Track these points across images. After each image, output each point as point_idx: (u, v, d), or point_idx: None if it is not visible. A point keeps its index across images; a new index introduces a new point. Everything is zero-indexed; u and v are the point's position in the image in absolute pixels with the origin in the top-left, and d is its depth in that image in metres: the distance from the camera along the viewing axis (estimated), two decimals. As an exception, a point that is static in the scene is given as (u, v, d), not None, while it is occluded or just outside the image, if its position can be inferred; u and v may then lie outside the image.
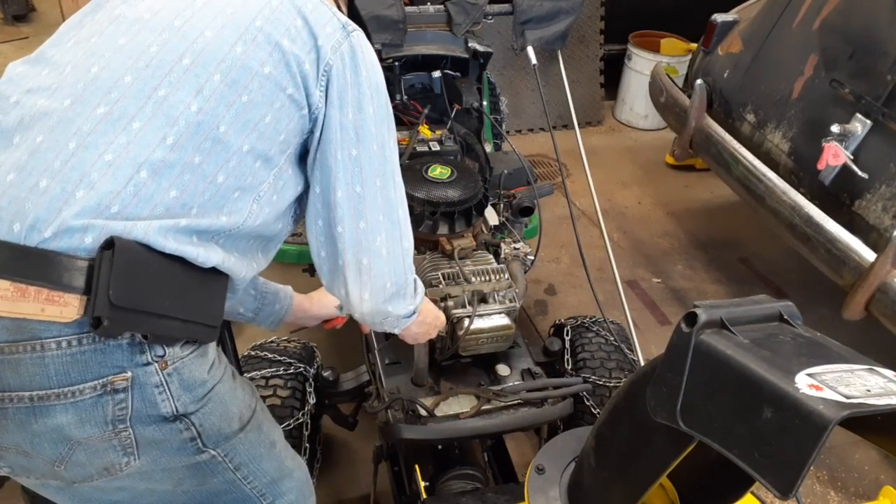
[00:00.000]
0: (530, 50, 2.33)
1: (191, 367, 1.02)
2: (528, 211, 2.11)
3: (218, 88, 0.99)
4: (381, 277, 1.14)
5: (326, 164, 1.08)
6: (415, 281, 1.24)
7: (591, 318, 2.16)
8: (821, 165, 2.28)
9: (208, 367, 1.06)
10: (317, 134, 1.07)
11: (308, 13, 1.06)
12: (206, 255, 0.99)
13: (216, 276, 1.04)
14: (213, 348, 1.09)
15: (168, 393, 0.99)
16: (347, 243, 1.11)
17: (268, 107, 1.02)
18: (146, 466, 1.03)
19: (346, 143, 1.07)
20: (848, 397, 0.69)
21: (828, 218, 2.27)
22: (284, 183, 1.10)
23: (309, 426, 1.87)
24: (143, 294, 0.93)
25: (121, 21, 1.05)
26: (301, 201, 1.16)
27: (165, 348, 0.98)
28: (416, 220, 1.79)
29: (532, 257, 2.00)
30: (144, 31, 1.02)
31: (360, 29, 1.11)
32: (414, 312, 1.25)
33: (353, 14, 1.43)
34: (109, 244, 0.89)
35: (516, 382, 1.69)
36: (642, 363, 2.11)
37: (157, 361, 0.97)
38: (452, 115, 2.16)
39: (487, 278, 1.72)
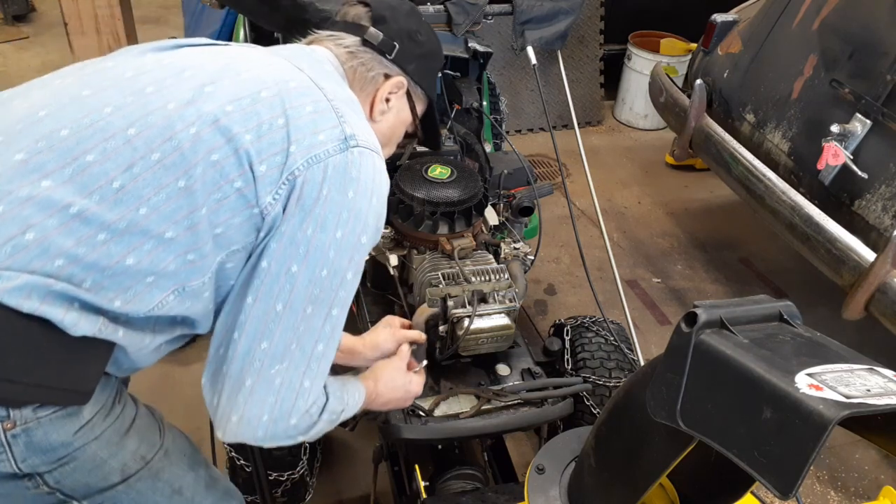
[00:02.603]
0: (530, 50, 2.33)
1: (47, 429, 0.93)
2: (527, 211, 2.11)
3: (152, 168, 0.90)
4: (258, 406, 0.96)
5: (259, 267, 0.96)
6: (322, 407, 1.05)
7: (590, 318, 2.16)
8: (820, 165, 2.28)
9: (76, 428, 0.96)
10: (263, 235, 0.97)
11: (300, 115, 0.96)
12: (74, 320, 0.86)
13: (93, 343, 0.91)
14: (91, 408, 0.97)
15: (9, 454, 0.91)
16: (239, 354, 0.96)
17: (205, 197, 0.92)
18: None
19: (287, 256, 0.95)
20: (848, 397, 0.69)
21: (827, 218, 2.27)
22: (223, 282, 0.98)
23: (309, 426, 1.87)
24: None
25: (102, 73, 0.99)
26: None
27: (10, 410, 0.89)
28: (416, 220, 1.79)
29: (532, 257, 2.00)
30: (112, 90, 0.95)
31: (372, 149, 1.01)
32: (318, 432, 1.07)
33: (430, 125, 1.35)
34: None
35: (516, 382, 1.69)
36: (642, 363, 2.11)
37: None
38: (452, 115, 2.16)
39: (487, 278, 1.72)
